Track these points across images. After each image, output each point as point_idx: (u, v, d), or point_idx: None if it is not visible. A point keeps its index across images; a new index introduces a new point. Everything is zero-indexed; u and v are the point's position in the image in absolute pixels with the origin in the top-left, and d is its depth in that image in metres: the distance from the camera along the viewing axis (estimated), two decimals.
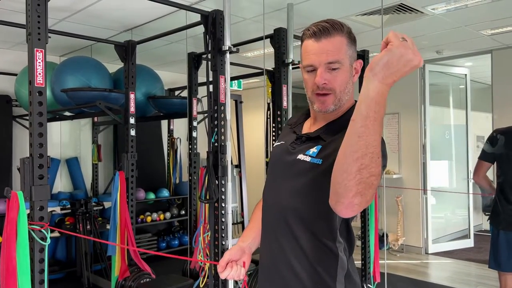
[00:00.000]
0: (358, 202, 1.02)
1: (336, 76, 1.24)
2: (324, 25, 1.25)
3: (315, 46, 1.24)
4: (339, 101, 1.27)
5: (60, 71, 4.00)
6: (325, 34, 1.23)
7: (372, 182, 1.01)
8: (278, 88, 3.39)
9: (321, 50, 1.23)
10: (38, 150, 2.21)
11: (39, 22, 2.23)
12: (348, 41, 1.26)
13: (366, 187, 1.01)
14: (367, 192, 1.02)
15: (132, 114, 3.69)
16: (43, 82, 2.24)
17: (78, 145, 5.64)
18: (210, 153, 2.90)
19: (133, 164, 3.70)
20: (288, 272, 1.28)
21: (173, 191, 5.93)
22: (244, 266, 1.40)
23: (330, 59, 1.23)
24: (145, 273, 3.62)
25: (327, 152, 1.23)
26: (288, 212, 1.28)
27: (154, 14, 3.94)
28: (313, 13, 3.85)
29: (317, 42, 1.24)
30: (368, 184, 1.01)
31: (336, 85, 1.25)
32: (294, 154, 1.31)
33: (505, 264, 2.89)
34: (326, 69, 1.24)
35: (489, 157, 3.04)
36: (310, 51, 1.26)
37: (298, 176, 1.27)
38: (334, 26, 1.25)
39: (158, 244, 5.65)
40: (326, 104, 1.27)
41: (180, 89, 5.93)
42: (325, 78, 1.24)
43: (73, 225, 4.64)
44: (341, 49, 1.24)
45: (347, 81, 1.27)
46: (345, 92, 1.27)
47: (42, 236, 2.20)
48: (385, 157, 1.19)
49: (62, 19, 3.98)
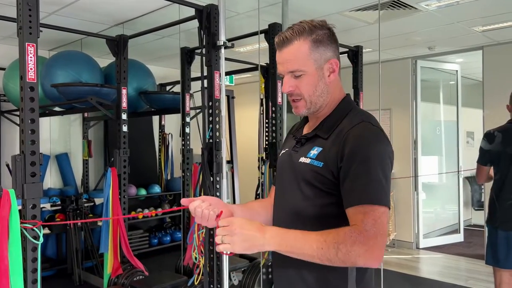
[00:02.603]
0: (363, 262, 1.09)
1: (301, 82, 1.26)
2: (285, 34, 1.26)
3: (279, 56, 1.29)
4: (311, 104, 1.29)
5: (50, 66, 3.93)
6: (285, 43, 1.26)
7: (344, 253, 1.08)
8: (273, 84, 3.37)
9: (283, 60, 1.27)
10: (30, 147, 2.16)
11: (30, 16, 2.17)
12: (310, 45, 1.25)
13: (349, 259, 1.09)
14: (355, 257, 1.08)
15: (124, 109, 3.64)
16: (34, 77, 2.18)
17: (68, 141, 5.56)
18: (205, 150, 2.87)
19: (125, 160, 3.66)
20: (296, 274, 1.28)
21: (165, 187, 5.88)
22: (219, 215, 1.22)
23: (290, 68, 1.26)
24: (138, 271, 3.59)
25: (327, 155, 1.22)
26: (297, 216, 1.28)
27: (146, 8, 3.87)
28: (307, 8, 3.82)
29: (280, 52, 1.28)
30: (346, 256, 1.08)
31: (303, 90, 1.27)
32: (297, 157, 1.32)
33: (503, 261, 2.91)
34: (290, 77, 1.27)
35: (487, 160, 3.04)
36: (277, 61, 1.30)
37: (303, 179, 1.27)
38: (294, 32, 1.25)
39: (149, 241, 5.60)
40: (299, 109, 1.31)
41: (171, 84, 5.86)
42: (290, 85, 1.27)
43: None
44: (301, 56, 1.25)
45: (315, 84, 1.27)
46: (316, 95, 1.28)
47: (34, 235, 2.16)
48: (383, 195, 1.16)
49: (51, 12, 3.90)
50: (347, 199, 1.16)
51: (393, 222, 5.91)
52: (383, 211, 1.12)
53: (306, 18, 1.31)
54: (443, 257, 5.57)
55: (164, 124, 6.09)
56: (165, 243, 5.69)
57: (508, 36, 4.93)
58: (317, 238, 1.09)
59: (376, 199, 1.12)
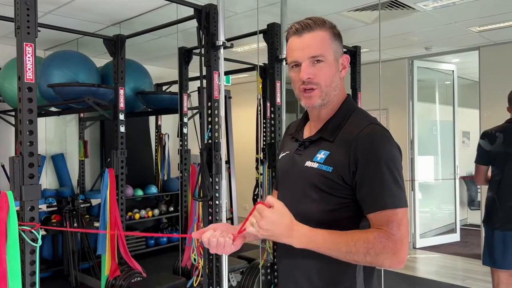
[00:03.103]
0: (389, 264, 1.12)
1: (320, 70, 1.23)
2: (306, 21, 1.25)
3: (298, 42, 1.25)
4: (326, 95, 1.25)
5: (46, 66, 3.90)
6: (307, 29, 1.24)
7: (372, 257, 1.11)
8: (272, 84, 3.35)
9: (303, 45, 1.24)
10: (28, 149, 2.14)
11: (28, 16, 2.15)
12: (331, 36, 1.26)
13: (376, 262, 1.12)
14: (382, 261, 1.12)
15: (122, 110, 3.62)
16: (33, 77, 2.16)
17: (63, 141, 5.51)
18: (204, 150, 2.86)
19: (122, 161, 3.63)
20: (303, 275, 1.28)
21: (161, 188, 5.85)
22: (234, 239, 1.18)
23: (312, 53, 1.23)
24: (135, 272, 3.57)
25: (336, 159, 1.21)
26: (305, 221, 1.22)
27: (143, 7, 3.85)
28: (306, 8, 3.81)
29: (299, 37, 1.24)
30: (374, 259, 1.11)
31: (321, 79, 1.24)
32: (302, 161, 1.28)
33: (499, 261, 2.91)
34: (310, 64, 1.23)
35: (485, 160, 3.05)
36: (293, 48, 1.26)
37: (311, 184, 1.24)
38: (316, 22, 1.25)
39: (146, 242, 5.58)
40: (313, 100, 1.25)
41: (167, 84, 5.84)
42: (309, 72, 1.23)
43: (60, 223, 4.54)
44: (323, 43, 1.24)
45: (332, 75, 1.25)
46: (332, 87, 1.26)
47: (33, 237, 2.14)
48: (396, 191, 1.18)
49: (48, 12, 3.86)
50: (368, 204, 1.17)
51: None
52: (404, 212, 1.16)
53: (305, 18, 1.31)
54: (440, 257, 5.58)
55: (161, 124, 6.06)
56: (162, 244, 5.67)
57: (504, 37, 4.95)
58: (346, 240, 1.11)
59: (397, 202, 1.15)
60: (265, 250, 3.43)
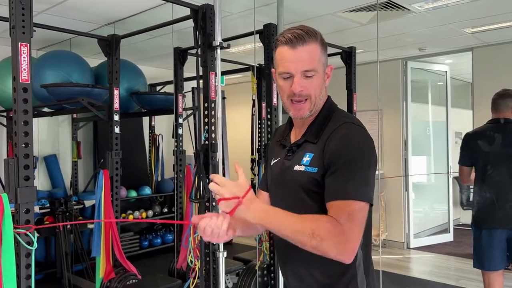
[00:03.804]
0: (334, 253, 1.12)
1: (311, 83, 1.28)
2: (299, 32, 1.26)
3: (291, 54, 1.26)
4: (314, 106, 1.31)
5: (39, 66, 3.85)
6: (300, 41, 1.25)
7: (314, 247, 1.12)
8: (268, 85, 3.34)
9: (297, 58, 1.25)
10: (23, 150, 2.10)
11: (23, 15, 2.11)
12: (321, 48, 1.30)
13: (318, 250, 1.12)
14: (324, 250, 1.12)
15: (116, 110, 3.58)
16: (28, 78, 2.12)
17: (56, 142, 5.45)
18: (200, 151, 2.83)
19: (117, 162, 3.60)
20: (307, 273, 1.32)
21: (155, 189, 5.81)
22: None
23: (306, 67, 1.26)
24: (131, 274, 3.53)
25: (319, 160, 1.25)
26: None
27: (138, 7, 3.81)
28: (301, 9, 3.80)
29: (293, 49, 1.25)
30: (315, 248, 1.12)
31: (312, 91, 1.28)
32: (291, 166, 1.33)
33: (488, 263, 2.92)
34: (302, 76, 1.26)
35: (467, 161, 3.07)
36: (286, 59, 1.26)
37: (301, 187, 1.28)
38: (308, 33, 1.27)
39: (140, 243, 5.53)
40: (302, 111, 1.30)
41: (161, 84, 5.80)
42: (302, 85, 1.26)
43: None
44: (315, 57, 1.27)
45: (321, 86, 1.31)
46: (319, 97, 1.32)
47: (28, 240, 2.10)
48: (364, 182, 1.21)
49: (41, 11, 3.82)
50: (327, 194, 1.20)
51: (384, 222, 5.93)
52: (360, 207, 1.15)
53: (301, 18, 1.33)
54: (434, 257, 5.61)
55: (154, 125, 6.02)
56: (156, 245, 5.63)
57: (497, 38, 4.99)
58: (296, 220, 1.13)
59: (354, 194, 1.15)
60: (261, 251, 3.42)
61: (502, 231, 2.89)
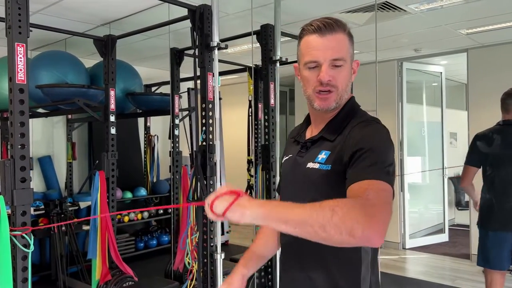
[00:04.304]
0: (361, 230, 0.92)
1: (339, 73, 1.21)
2: (327, 21, 1.21)
3: (319, 42, 1.20)
4: (340, 99, 1.24)
5: (34, 66, 3.81)
6: (329, 30, 1.20)
7: (340, 217, 0.91)
8: (266, 86, 3.33)
9: (326, 46, 1.19)
10: (19, 152, 2.08)
11: (19, 15, 2.10)
12: (349, 40, 1.24)
13: (345, 225, 0.91)
14: (352, 223, 0.92)
15: (113, 111, 3.56)
16: (24, 78, 2.11)
17: (51, 143, 5.41)
18: (198, 152, 2.82)
19: (113, 163, 3.58)
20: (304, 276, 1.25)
21: (151, 190, 5.78)
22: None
23: (335, 56, 1.20)
24: (127, 276, 3.51)
25: (335, 157, 1.19)
26: None
27: (134, 7, 3.79)
28: (298, 10, 3.79)
29: (321, 37, 1.20)
30: (341, 221, 0.91)
31: (340, 82, 1.22)
32: (304, 163, 1.27)
33: (493, 262, 2.95)
34: (330, 66, 1.20)
35: (476, 162, 3.07)
36: (314, 47, 1.21)
37: (313, 185, 1.22)
38: (337, 23, 1.22)
39: (136, 245, 5.50)
40: (328, 102, 1.23)
41: (156, 85, 5.78)
42: (330, 75, 1.20)
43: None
44: (344, 47, 1.22)
45: (348, 79, 1.25)
46: (346, 91, 1.25)
47: (24, 243, 2.08)
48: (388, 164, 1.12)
49: (36, 11, 3.78)
50: (350, 178, 1.09)
51: None
52: (386, 188, 1.04)
53: (298, 19, 1.30)
54: (430, 257, 5.62)
55: (150, 126, 5.99)
56: (152, 247, 5.59)
57: (492, 39, 5.01)
58: (311, 204, 0.96)
59: (380, 176, 1.06)
60: None
61: (508, 234, 2.91)
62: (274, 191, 3.49)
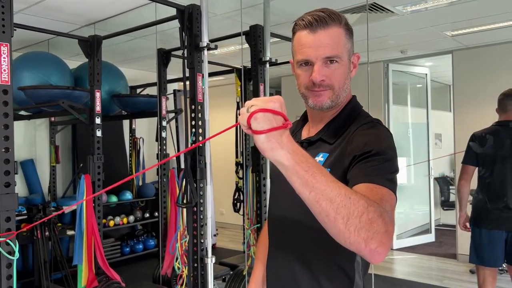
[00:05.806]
0: (378, 240, 0.82)
1: (334, 71, 1.12)
2: (320, 14, 1.10)
3: (311, 39, 1.10)
4: (337, 97, 1.15)
5: (16, 68, 3.70)
6: (321, 24, 1.09)
7: (370, 219, 0.82)
8: (255, 87, 3.30)
9: (318, 43, 1.10)
10: (3, 155, 2.00)
11: (3, 13, 2.02)
12: (346, 33, 1.14)
13: (368, 229, 0.81)
14: (374, 232, 0.82)
15: (98, 113, 3.47)
16: (8, 79, 2.03)
17: (33, 146, 5.28)
18: (188, 155, 2.77)
19: (99, 166, 3.49)
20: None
21: (136, 193, 5.69)
22: None
23: (328, 54, 1.10)
24: (114, 282, 3.42)
25: (334, 160, 1.12)
26: (298, 227, 1.15)
27: (119, 7, 3.72)
28: (287, 11, 3.77)
29: (313, 34, 1.10)
30: (368, 224, 0.81)
31: (335, 81, 1.13)
32: None
33: (487, 259, 2.99)
34: (323, 64, 1.11)
35: (474, 161, 3.09)
36: (305, 44, 1.11)
37: None
38: (331, 16, 1.11)
39: (121, 249, 5.40)
40: (323, 98, 1.14)
41: (142, 86, 5.69)
42: (323, 74, 1.11)
43: (30, 232, 4.32)
44: (339, 42, 1.12)
45: (345, 76, 1.15)
46: (343, 89, 1.16)
47: (9, 250, 2.00)
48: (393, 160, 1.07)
49: (18, 11, 3.68)
50: (354, 177, 1.01)
51: None
52: (391, 196, 0.98)
53: (287, 20, 1.24)
54: (417, 258, 5.66)
55: (135, 128, 5.90)
56: (138, 251, 5.50)
57: (477, 41, 5.08)
58: (345, 186, 0.84)
59: (385, 183, 0.98)
60: (249, 256, 3.36)
61: (502, 232, 2.95)
62: (264, 194, 3.45)
